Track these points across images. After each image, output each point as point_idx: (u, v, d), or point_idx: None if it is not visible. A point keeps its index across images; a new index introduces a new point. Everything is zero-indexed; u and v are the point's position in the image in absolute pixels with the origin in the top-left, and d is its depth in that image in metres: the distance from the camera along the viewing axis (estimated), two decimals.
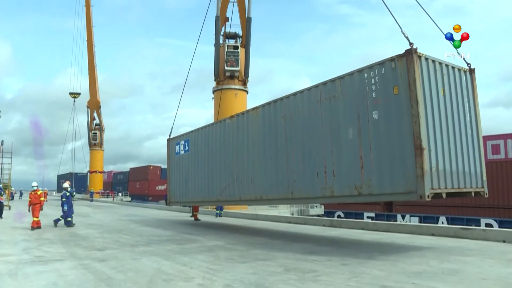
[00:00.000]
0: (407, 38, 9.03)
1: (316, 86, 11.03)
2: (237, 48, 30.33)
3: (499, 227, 21.57)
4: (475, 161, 9.74)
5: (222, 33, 31.06)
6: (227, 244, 11.80)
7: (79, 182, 72.86)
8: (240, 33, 31.29)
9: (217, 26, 29.85)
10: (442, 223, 24.62)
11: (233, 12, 31.08)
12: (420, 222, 25.27)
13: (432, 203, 26.76)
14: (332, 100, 10.42)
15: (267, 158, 12.76)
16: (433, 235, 12.69)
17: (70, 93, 72.74)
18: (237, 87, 30.13)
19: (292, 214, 25.99)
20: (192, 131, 17.88)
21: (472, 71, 10.15)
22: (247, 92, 30.84)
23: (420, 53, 8.71)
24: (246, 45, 30.62)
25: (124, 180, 72.14)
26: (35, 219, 16.12)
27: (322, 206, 28.13)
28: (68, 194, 17.92)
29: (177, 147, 18.99)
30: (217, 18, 29.69)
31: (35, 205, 16.30)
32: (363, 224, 15.77)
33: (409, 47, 8.71)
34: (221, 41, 30.60)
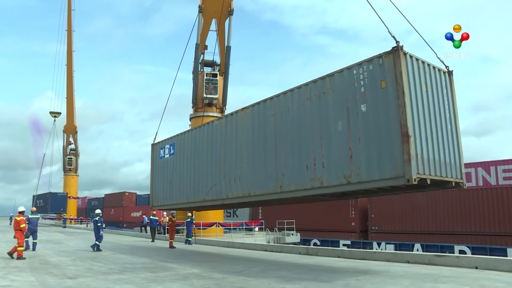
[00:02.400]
0: (393, 37, 9.59)
1: (306, 84, 11.43)
2: (216, 76, 30.54)
3: (472, 253, 21.91)
4: (454, 153, 10.26)
5: (200, 61, 31.31)
6: (202, 272, 11.65)
7: (57, 202, 69.99)
8: (218, 61, 31.59)
9: (197, 54, 30.12)
10: (417, 250, 24.83)
11: (215, 41, 31.46)
12: (395, 249, 25.44)
13: (408, 231, 27.17)
14: (322, 96, 10.87)
15: (256, 155, 12.97)
16: (408, 262, 12.78)
17: (51, 112, 71.59)
18: (215, 114, 30.23)
19: (268, 242, 25.82)
20: (177, 135, 17.98)
21: (450, 73, 10.68)
22: None
23: (405, 51, 9.31)
24: (225, 73, 30.88)
25: (98, 206, 70.63)
26: (18, 247, 14.95)
27: (298, 234, 28.11)
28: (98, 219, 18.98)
29: (161, 151, 19.01)
30: (197, 45, 29.95)
31: (16, 231, 15.38)
32: (339, 252, 15.78)
33: (396, 45, 9.30)
34: (199, 69, 30.82)
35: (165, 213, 29.58)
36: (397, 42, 9.38)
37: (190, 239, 24.38)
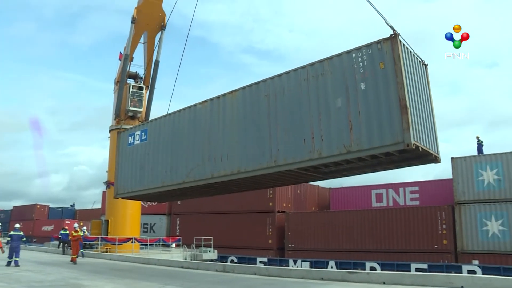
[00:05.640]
0: (390, 26, 10.81)
1: (303, 67, 12.14)
2: (142, 89, 30.03)
3: (381, 269, 23.00)
4: (433, 131, 11.60)
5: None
6: None
7: None
8: (141, 74, 30.89)
9: (125, 65, 29.42)
10: (332, 267, 25.67)
11: (143, 54, 31.00)
12: (311, 266, 26.07)
13: (323, 248, 27.95)
14: (320, 77, 11.70)
15: (248, 134, 13.22)
16: (322, 279, 13.06)
17: None
18: None
19: (185, 259, 25.34)
20: (151, 120, 17.80)
21: (426, 66, 12.08)
22: None
23: (400, 39, 10.60)
24: (151, 87, 30.45)
25: (5, 219, 65.37)
26: None
27: (216, 251, 27.95)
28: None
29: (130, 138, 18.33)
30: (126, 56, 29.33)
31: None
32: (256, 269, 15.79)
33: (393, 33, 10.60)
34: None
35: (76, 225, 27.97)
36: (394, 30, 10.66)
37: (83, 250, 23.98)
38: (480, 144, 26.03)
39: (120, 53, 31.80)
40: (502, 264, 21.60)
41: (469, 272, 21.00)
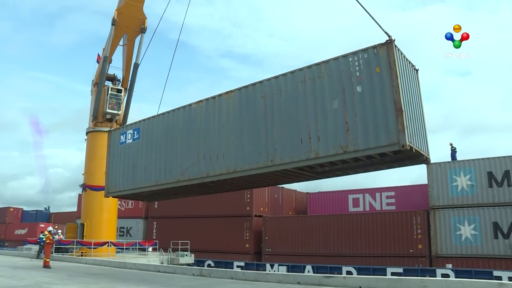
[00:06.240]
0: (386, 33, 11.17)
1: (300, 69, 12.40)
2: (121, 92, 29.76)
3: (358, 273, 23.23)
4: (424, 133, 11.98)
5: None
6: None
7: None
8: (119, 76, 30.61)
9: (104, 67, 29.04)
10: (308, 271, 25.80)
11: (122, 56, 30.73)
12: (288, 271, 26.14)
13: (300, 253, 28.09)
14: (317, 79, 11.99)
15: (244, 133, 13.39)
16: (299, 283, 13.11)
17: None
18: None
19: (162, 263, 25.12)
20: (143, 120, 17.47)
21: (417, 71, 12.49)
22: None
23: (395, 44, 11.02)
24: (129, 90, 30.20)
25: None
26: None
27: (193, 255, 27.77)
28: None
29: (121, 137, 18.08)
30: (105, 58, 28.96)
31: None
32: (233, 274, 15.78)
33: (388, 39, 10.98)
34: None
35: (50, 229, 27.34)
36: (389, 37, 11.04)
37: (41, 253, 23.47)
38: (454, 151, 26.66)
39: (98, 54, 31.47)
40: (474, 267, 22.08)
41: (443, 275, 21.44)
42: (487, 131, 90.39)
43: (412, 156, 11.49)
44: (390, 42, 10.92)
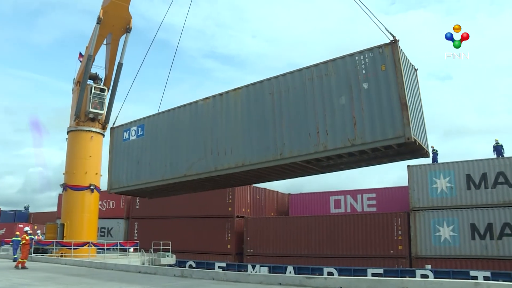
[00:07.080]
0: (391, 33, 11.70)
1: (307, 67, 12.89)
2: (104, 91, 29.40)
3: (339, 274, 23.41)
4: (424, 129, 12.54)
5: None
6: None
7: None
8: (101, 75, 30.27)
9: (88, 66, 28.61)
10: (290, 272, 25.93)
11: (105, 55, 30.40)
12: (269, 272, 26.22)
13: (282, 254, 28.19)
14: (324, 77, 12.48)
15: (252, 129, 13.74)
16: (280, 284, 13.13)
17: None
18: (97, 130, 28.85)
19: (143, 263, 24.93)
20: (148, 116, 17.53)
21: (416, 70, 13.03)
22: (103, 135, 29.49)
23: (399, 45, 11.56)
24: (113, 90, 29.89)
25: None
26: None
27: (174, 256, 27.63)
28: None
29: (125, 133, 18.08)
30: (89, 57, 28.53)
31: None
32: (214, 274, 15.77)
33: (393, 39, 11.54)
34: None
35: (27, 229, 26.91)
36: (394, 37, 11.62)
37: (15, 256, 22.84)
38: (434, 153, 27.09)
39: (80, 53, 31.00)
40: (452, 268, 22.49)
41: (422, 276, 21.83)
42: (466, 134, 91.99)
43: (414, 150, 12.01)
44: (394, 42, 11.50)
